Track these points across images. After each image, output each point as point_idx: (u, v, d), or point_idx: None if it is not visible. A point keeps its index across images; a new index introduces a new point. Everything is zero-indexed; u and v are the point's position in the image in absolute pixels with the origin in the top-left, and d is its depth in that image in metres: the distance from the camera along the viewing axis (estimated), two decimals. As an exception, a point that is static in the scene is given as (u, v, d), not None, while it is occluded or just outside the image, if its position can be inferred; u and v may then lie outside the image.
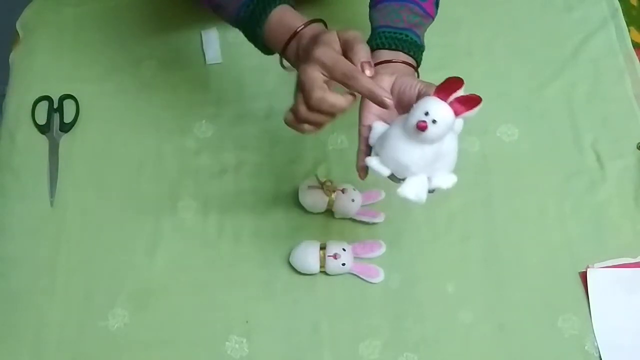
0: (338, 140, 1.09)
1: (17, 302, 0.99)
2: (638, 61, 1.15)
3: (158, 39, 1.19)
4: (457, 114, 0.71)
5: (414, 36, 0.87)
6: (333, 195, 1.01)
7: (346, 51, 0.76)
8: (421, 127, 0.70)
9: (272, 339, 0.96)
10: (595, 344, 0.94)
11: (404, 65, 0.85)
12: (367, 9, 0.91)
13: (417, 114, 0.71)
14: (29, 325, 0.98)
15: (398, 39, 0.86)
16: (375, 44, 0.87)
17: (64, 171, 1.08)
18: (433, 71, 1.01)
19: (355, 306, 0.98)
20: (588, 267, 0.98)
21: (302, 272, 0.99)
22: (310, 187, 1.02)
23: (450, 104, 0.70)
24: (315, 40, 0.77)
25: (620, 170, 1.05)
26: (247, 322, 0.97)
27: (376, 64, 0.82)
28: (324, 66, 0.74)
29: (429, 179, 0.74)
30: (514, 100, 1.12)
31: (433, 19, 0.92)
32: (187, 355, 0.95)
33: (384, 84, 0.79)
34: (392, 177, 0.76)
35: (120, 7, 1.23)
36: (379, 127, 0.78)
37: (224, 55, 1.17)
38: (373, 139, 0.78)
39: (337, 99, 0.74)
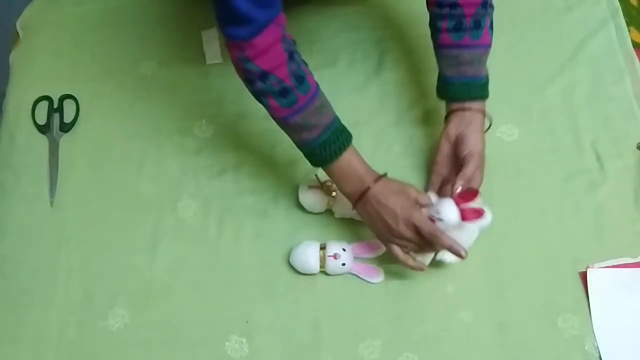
0: (338, 140, 1.09)
1: (17, 302, 0.99)
2: (638, 61, 1.14)
3: (158, 39, 1.19)
4: (464, 219, 0.91)
5: (476, 79, 0.97)
6: (333, 195, 1.01)
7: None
8: (431, 220, 0.92)
9: (272, 339, 0.96)
10: (595, 344, 0.94)
11: (471, 112, 0.98)
12: (368, 8, 0.90)
13: (432, 210, 0.92)
14: (29, 325, 0.98)
15: (464, 88, 0.98)
16: (444, 96, 1.00)
17: (64, 171, 1.08)
18: (433, 71, 1.02)
19: (355, 306, 0.98)
20: (588, 267, 0.98)
21: (302, 272, 0.99)
22: (310, 187, 1.01)
23: (462, 210, 0.91)
24: (400, 193, 0.92)
25: (620, 170, 1.05)
26: (247, 322, 0.97)
27: (448, 114, 0.99)
28: (418, 229, 0.91)
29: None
30: (514, 100, 1.12)
31: (490, 45, 0.99)
32: (187, 355, 0.95)
33: (450, 134, 0.98)
34: None
35: (120, 7, 1.23)
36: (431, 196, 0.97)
37: (224, 55, 1.16)
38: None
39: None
